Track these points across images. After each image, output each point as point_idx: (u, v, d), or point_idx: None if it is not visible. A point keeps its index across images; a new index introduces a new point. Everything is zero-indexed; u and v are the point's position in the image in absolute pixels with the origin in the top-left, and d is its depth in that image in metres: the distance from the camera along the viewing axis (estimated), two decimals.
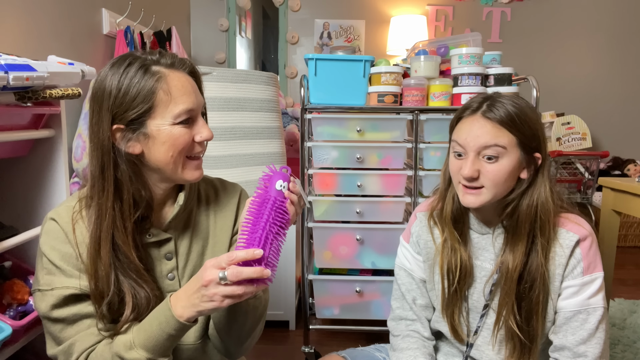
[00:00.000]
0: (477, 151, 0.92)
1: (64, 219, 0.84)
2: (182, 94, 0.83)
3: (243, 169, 2.12)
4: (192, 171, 0.86)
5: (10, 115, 1.21)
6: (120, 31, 2.47)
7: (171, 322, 0.76)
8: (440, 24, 3.83)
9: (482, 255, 1.02)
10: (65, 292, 0.80)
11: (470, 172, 0.91)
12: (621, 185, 1.74)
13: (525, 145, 0.92)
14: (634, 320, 2.20)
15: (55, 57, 1.41)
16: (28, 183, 1.39)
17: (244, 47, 4.26)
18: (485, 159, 0.92)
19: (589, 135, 3.40)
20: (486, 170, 0.92)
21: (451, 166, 0.98)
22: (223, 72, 2.07)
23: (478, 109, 0.94)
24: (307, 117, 1.82)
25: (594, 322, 0.93)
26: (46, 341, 0.86)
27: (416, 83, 1.79)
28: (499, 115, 0.91)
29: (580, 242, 0.94)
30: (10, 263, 1.35)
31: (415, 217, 1.11)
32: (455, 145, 0.96)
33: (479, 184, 0.93)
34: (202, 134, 0.85)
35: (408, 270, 1.10)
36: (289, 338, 2.05)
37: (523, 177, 0.95)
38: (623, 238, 3.49)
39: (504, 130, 0.91)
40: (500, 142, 0.90)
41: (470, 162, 0.92)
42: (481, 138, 0.91)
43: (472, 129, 0.93)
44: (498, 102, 0.93)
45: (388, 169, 1.84)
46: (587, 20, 3.81)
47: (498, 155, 0.91)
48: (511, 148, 0.91)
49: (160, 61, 0.83)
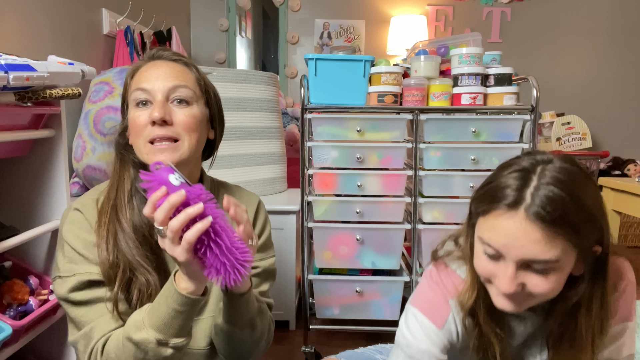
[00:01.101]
0: (520, 263, 0.70)
1: (88, 210, 0.86)
2: (141, 78, 0.85)
3: (243, 169, 2.12)
4: (152, 156, 0.83)
5: (10, 115, 1.21)
6: (120, 31, 2.47)
7: (174, 295, 0.73)
8: (440, 24, 3.83)
9: (521, 336, 0.86)
10: (87, 277, 0.81)
11: (513, 289, 0.70)
12: (621, 185, 1.74)
13: (584, 247, 0.70)
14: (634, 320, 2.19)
15: (55, 57, 1.40)
16: (28, 183, 1.39)
17: (244, 47, 4.26)
18: (530, 268, 0.70)
19: (589, 135, 3.40)
20: (533, 284, 0.70)
21: (480, 267, 0.75)
22: (223, 72, 2.07)
23: (518, 203, 0.68)
24: (307, 117, 1.82)
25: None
26: (68, 328, 0.86)
27: (416, 83, 1.79)
28: (549, 215, 0.66)
29: (623, 291, 0.83)
30: (10, 263, 1.35)
31: (448, 306, 0.85)
32: (485, 247, 0.73)
33: (522, 297, 0.72)
34: (151, 114, 0.82)
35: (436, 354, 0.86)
36: (289, 338, 2.05)
37: (576, 274, 0.74)
38: (623, 238, 3.49)
39: (557, 239, 0.66)
40: (552, 256, 0.67)
41: (511, 275, 0.70)
42: (527, 249, 0.68)
43: (513, 234, 0.68)
44: (542, 187, 0.67)
45: (388, 169, 1.84)
46: (587, 20, 3.81)
47: (550, 269, 0.69)
48: (565, 257, 0.69)
49: (144, 56, 0.90)
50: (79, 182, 2.00)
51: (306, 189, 1.87)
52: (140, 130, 0.83)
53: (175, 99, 0.85)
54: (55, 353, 1.47)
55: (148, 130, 0.82)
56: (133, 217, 0.85)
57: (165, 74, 0.85)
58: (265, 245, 1.03)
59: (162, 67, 0.86)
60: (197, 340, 0.91)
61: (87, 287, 0.81)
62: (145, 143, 0.83)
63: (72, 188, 1.97)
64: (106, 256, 0.81)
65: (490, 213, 0.71)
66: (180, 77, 0.86)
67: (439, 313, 0.86)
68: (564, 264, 0.69)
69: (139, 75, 0.86)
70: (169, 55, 0.88)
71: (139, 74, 0.86)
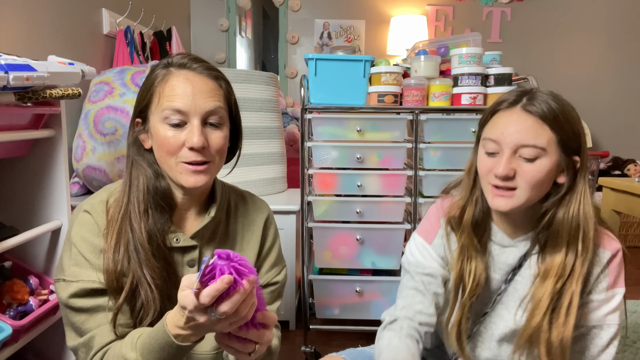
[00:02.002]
0: (514, 149, 0.84)
1: (98, 212, 0.85)
2: (174, 94, 0.81)
3: (243, 169, 2.12)
4: (186, 177, 0.83)
5: (10, 115, 1.21)
6: (120, 31, 2.47)
7: (174, 345, 0.72)
8: (440, 24, 3.83)
9: (501, 269, 0.95)
10: (90, 285, 0.81)
11: (506, 171, 0.83)
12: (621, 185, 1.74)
13: (566, 145, 0.84)
14: (634, 320, 2.20)
15: (55, 57, 1.40)
16: (28, 183, 1.39)
17: (244, 47, 4.26)
18: (521, 158, 0.84)
19: (589, 135, 3.40)
20: (523, 170, 0.83)
21: (481, 166, 0.90)
22: (223, 72, 2.07)
23: (517, 102, 0.85)
24: (307, 117, 1.82)
25: (606, 338, 0.90)
26: (66, 333, 0.85)
27: (416, 83, 1.79)
28: (541, 110, 0.83)
29: (612, 259, 0.90)
30: (10, 263, 1.35)
31: (439, 224, 1.00)
32: (487, 143, 0.87)
33: (513, 185, 0.85)
34: (190, 140, 0.81)
35: (430, 268, 0.98)
36: (289, 338, 2.05)
37: (560, 181, 0.87)
38: (623, 238, 3.49)
39: (545, 128, 0.83)
40: (540, 142, 0.82)
41: (506, 160, 0.83)
42: (520, 134, 0.83)
43: (510, 123, 0.84)
44: (539, 95, 0.85)
45: (388, 169, 1.84)
46: (587, 20, 3.81)
47: (537, 156, 0.83)
48: (551, 148, 0.83)
49: (173, 61, 0.85)
50: (79, 182, 2.00)
51: (306, 189, 1.87)
52: (174, 151, 0.82)
53: (210, 123, 0.84)
54: (55, 353, 1.47)
55: (185, 153, 0.82)
56: (148, 226, 0.83)
57: (200, 93, 0.82)
58: (278, 258, 1.03)
59: (197, 83, 0.83)
60: (203, 344, 0.89)
61: (89, 295, 0.81)
62: (178, 163, 0.83)
63: (72, 188, 1.97)
64: (113, 267, 0.81)
65: (494, 115, 0.88)
66: (214, 98, 0.84)
67: (431, 230, 1.01)
68: (549, 154, 0.83)
69: (170, 87, 0.82)
70: (201, 69, 0.85)
71: (169, 85, 0.82)
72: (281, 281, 1.02)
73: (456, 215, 0.96)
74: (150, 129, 0.85)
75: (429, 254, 0.99)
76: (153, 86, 0.84)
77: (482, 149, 0.90)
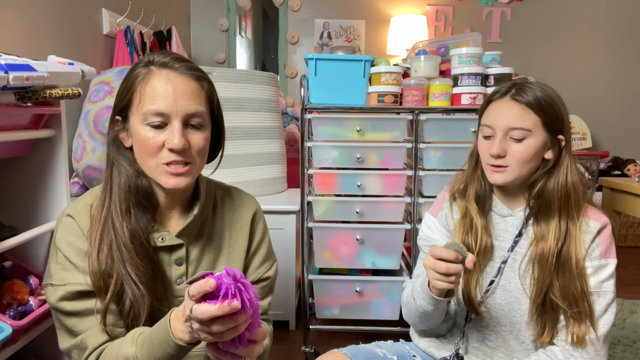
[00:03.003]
0: (505, 132, 0.98)
1: (81, 216, 0.85)
2: (155, 95, 0.80)
3: (243, 169, 2.12)
4: (166, 179, 0.82)
5: (10, 115, 1.21)
6: (120, 31, 2.47)
7: (171, 343, 0.72)
8: (440, 24, 3.83)
9: (501, 236, 1.06)
10: (77, 288, 0.81)
11: (498, 150, 0.97)
12: (621, 185, 1.74)
13: (550, 126, 0.98)
14: (634, 320, 2.20)
15: (55, 57, 1.40)
16: (28, 183, 1.39)
17: (244, 47, 4.26)
18: (512, 139, 0.97)
19: (589, 135, 3.40)
20: (512, 150, 0.97)
21: (480, 148, 1.04)
22: (223, 72, 2.07)
23: (507, 92, 1.00)
24: (307, 117, 1.82)
25: (604, 304, 0.96)
26: (58, 336, 0.85)
27: (416, 83, 1.79)
28: (527, 99, 0.97)
29: (601, 230, 0.99)
30: (10, 263, 1.35)
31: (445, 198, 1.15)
32: (484, 129, 1.02)
33: (505, 163, 0.98)
34: (170, 141, 0.80)
35: (434, 240, 1.12)
36: (289, 338, 2.05)
37: (548, 157, 1.00)
38: (623, 238, 3.49)
39: (530, 113, 0.97)
40: (526, 124, 0.96)
41: (498, 141, 0.98)
42: (509, 119, 0.97)
43: (501, 110, 0.99)
44: (526, 86, 0.99)
45: (388, 169, 1.84)
46: (587, 20, 3.81)
47: (524, 137, 0.97)
48: (536, 129, 0.97)
49: (154, 60, 0.84)
50: (79, 182, 2.00)
51: (306, 189, 1.87)
52: (154, 152, 0.81)
53: (191, 124, 0.83)
54: (55, 353, 1.47)
55: (165, 154, 0.81)
56: (130, 225, 0.83)
57: (182, 94, 0.81)
58: (268, 253, 1.03)
59: (178, 84, 0.81)
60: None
61: (77, 297, 0.81)
62: (158, 165, 0.82)
63: (72, 188, 1.97)
64: (98, 266, 0.80)
65: (489, 105, 1.03)
66: (196, 99, 0.83)
67: (437, 205, 1.17)
68: (535, 134, 0.97)
69: (151, 88, 0.81)
70: (183, 69, 0.83)
71: (150, 86, 0.81)
72: (272, 276, 1.01)
73: (460, 188, 1.12)
74: (131, 128, 0.84)
75: (435, 226, 1.14)
76: (134, 85, 0.83)
77: (480, 134, 1.04)
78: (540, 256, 0.98)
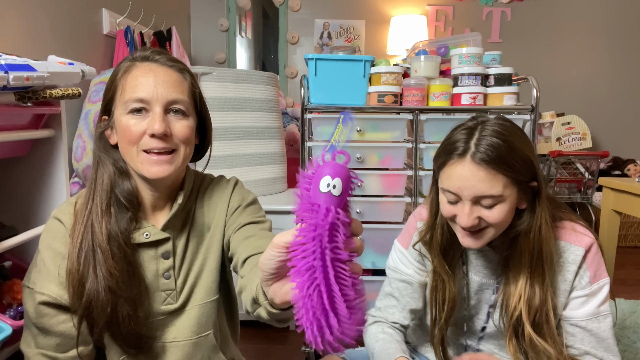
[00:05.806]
0: (473, 201, 0.86)
1: (64, 214, 0.85)
2: (136, 84, 0.81)
3: (243, 169, 2.12)
4: (148, 167, 0.82)
5: (10, 115, 1.21)
6: (120, 31, 2.47)
7: None
8: (440, 24, 3.83)
9: (481, 272, 0.99)
10: (40, 298, 0.80)
11: (470, 223, 0.86)
12: (621, 185, 1.74)
13: (520, 180, 0.87)
14: (634, 320, 2.20)
15: (55, 57, 1.40)
16: (28, 183, 1.39)
17: (244, 47, 4.26)
18: (482, 206, 0.87)
19: (589, 135, 3.40)
20: (486, 216, 0.87)
21: (444, 211, 0.92)
22: (223, 72, 2.07)
23: (465, 151, 0.86)
24: (307, 117, 1.82)
25: (606, 329, 0.92)
26: (23, 334, 0.85)
27: (416, 83, 1.79)
28: (489, 157, 0.83)
29: (586, 254, 0.92)
30: (10, 263, 1.35)
31: (416, 227, 1.06)
32: (447, 194, 0.90)
33: (479, 227, 0.88)
34: (151, 127, 0.80)
35: (406, 275, 1.06)
36: (289, 338, 2.05)
37: (522, 207, 0.91)
38: (623, 238, 3.49)
39: (497, 175, 0.84)
40: (496, 191, 0.84)
41: (468, 212, 0.86)
42: (476, 187, 0.85)
43: (463, 178, 0.85)
44: (484, 137, 0.85)
45: (388, 169, 1.84)
46: (587, 20, 3.81)
47: (496, 202, 0.86)
48: (507, 191, 0.85)
49: (136, 55, 0.85)
50: (79, 182, 2.00)
51: None
52: (135, 139, 0.81)
53: (173, 110, 0.83)
54: None
55: (145, 141, 0.81)
56: (109, 225, 0.82)
57: (163, 83, 0.82)
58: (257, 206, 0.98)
59: (159, 73, 0.82)
60: (183, 331, 0.90)
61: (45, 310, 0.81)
62: (139, 152, 0.82)
63: (72, 188, 1.97)
64: (76, 266, 0.80)
65: (446, 165, 0.89)
66: (177, 88, 0.84)
67: (408, 235, 1.07)
68: (507, 197, 0.86)
69: (133, 78, 0.82)
70: (164, 60, 0.85)
71: (132, 76, 0.82)
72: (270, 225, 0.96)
73: (426, 237, 1.01)
74: (115, 122, 0.84)
75: (407, 259, 1.06)
76: (116, 79, 0.84)
77: (443, 196, 0.92)
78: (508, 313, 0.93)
